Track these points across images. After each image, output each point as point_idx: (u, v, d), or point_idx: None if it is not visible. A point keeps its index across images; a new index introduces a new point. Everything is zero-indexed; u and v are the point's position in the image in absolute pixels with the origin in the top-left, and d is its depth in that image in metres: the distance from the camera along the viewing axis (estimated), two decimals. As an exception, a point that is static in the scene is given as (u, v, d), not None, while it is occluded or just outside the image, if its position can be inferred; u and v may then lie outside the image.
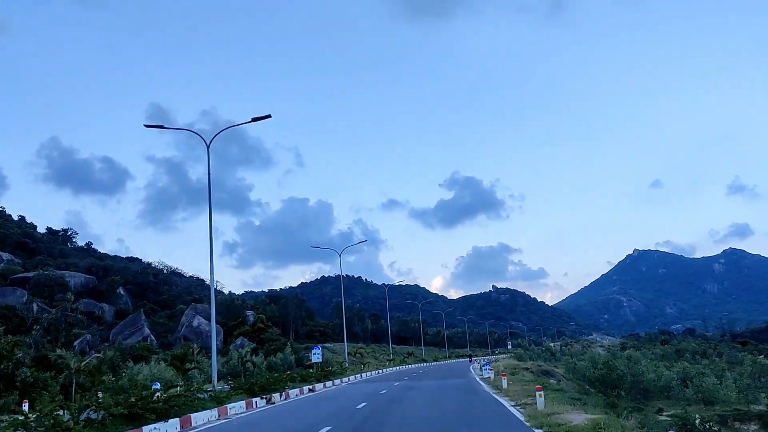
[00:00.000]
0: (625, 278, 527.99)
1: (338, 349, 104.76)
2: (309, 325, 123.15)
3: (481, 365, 37.60)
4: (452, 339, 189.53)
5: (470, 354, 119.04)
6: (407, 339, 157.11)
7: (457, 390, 27.16)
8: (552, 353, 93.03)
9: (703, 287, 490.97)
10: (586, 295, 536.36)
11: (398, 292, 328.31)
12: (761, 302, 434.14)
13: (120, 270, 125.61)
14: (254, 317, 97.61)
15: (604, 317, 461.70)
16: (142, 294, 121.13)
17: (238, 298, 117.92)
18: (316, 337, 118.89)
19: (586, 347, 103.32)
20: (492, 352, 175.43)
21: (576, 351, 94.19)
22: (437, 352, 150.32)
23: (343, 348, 70.55)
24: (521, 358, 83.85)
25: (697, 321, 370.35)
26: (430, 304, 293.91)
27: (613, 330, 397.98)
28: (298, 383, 33.13)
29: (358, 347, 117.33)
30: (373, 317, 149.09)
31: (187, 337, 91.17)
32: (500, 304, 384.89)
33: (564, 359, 75.89)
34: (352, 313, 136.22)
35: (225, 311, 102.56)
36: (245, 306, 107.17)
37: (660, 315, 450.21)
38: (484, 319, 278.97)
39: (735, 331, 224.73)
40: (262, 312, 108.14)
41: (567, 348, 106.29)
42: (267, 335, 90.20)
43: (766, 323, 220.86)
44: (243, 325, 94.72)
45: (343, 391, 30.54)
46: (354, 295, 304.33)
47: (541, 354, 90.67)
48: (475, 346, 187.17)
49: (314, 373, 38.97)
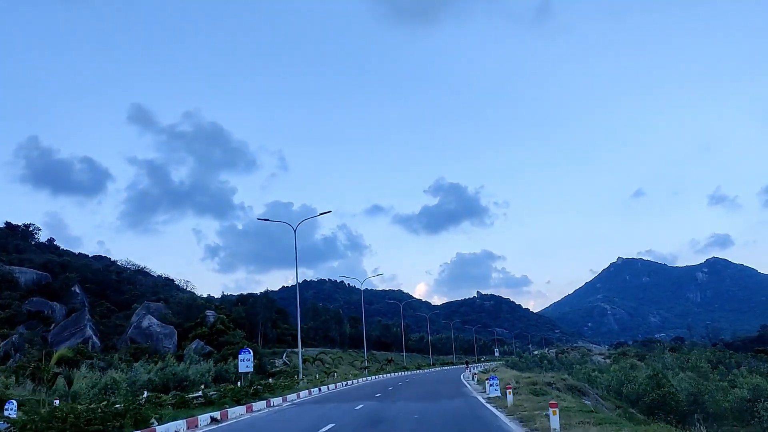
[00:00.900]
0: (609, 286, 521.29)
1: (308, 356, 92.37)
2: (281, 328, 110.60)
3: (487, 379, 25.87)
4: (436, 345, 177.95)
5: (467, 361, 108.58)
6: (389, 345, 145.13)
7: (457, 423, 15.55)
8: (548, 361, 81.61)
9: (686, 296, 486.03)
10: (569, 302, 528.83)
11: (381, 297, 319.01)
12: (744, 311, 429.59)
13: (79, 267, 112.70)
14: (215, 318, 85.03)
15: (587, 325, 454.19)
16: (102, 293, 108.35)
17: (201, 299, 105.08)
18: (288, 341, 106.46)
19: (584, 356, 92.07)
20: (478, 359, 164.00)
21: (573, 360, 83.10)
22: (420, 359, 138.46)
23: (307, 353, 58.27)
24: (518, 367, 72.47)
25: (680, 330, 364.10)
26: (414, 310, 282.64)
27: (597, 338, 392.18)
28: (200, 409, 20.82)
29: (333, 353, 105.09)
30: (353, 320, 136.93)
31: (135, 339, 78.45)
32: (485, 310, 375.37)
33: (575, 370, 64.53)
34: (328, 316, 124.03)
35: (185, 311, 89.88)
36: (207, 306, 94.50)
37: (643, 324, 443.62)
38: (468, 325, 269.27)
39: (723, 340, 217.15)
40: (226, 313, 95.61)
41: (564, 356, 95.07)
42: (227, 338, 77.68)
43: (758, 332, 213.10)
44: (201, 326, 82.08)
45: (264, 425, 18.45)
46: (336, 299, 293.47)
47: (537, 362, 79.20)
48: (460, 352, 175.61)
49: (239, 390, 26.59)
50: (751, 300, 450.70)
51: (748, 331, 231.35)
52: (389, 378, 58.81)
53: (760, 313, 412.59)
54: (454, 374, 58.24)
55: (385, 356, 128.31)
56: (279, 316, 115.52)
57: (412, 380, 48.88)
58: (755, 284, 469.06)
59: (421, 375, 61.19)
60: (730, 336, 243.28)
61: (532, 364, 78.17)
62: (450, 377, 50.24)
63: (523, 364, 75.76)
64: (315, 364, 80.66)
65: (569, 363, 75.15)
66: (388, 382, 47.92)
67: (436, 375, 62.25)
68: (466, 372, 61.05)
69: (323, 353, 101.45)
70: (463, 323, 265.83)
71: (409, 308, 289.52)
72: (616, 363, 74.01)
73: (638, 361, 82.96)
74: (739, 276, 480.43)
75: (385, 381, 50.00)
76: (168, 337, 79.89)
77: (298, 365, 55.22)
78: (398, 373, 72.19)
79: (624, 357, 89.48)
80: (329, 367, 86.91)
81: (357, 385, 43.79)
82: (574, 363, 75.93)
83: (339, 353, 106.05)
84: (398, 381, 47.80)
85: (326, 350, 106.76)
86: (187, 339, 79.91)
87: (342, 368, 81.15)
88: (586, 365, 73.45)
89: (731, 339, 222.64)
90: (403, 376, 63.54)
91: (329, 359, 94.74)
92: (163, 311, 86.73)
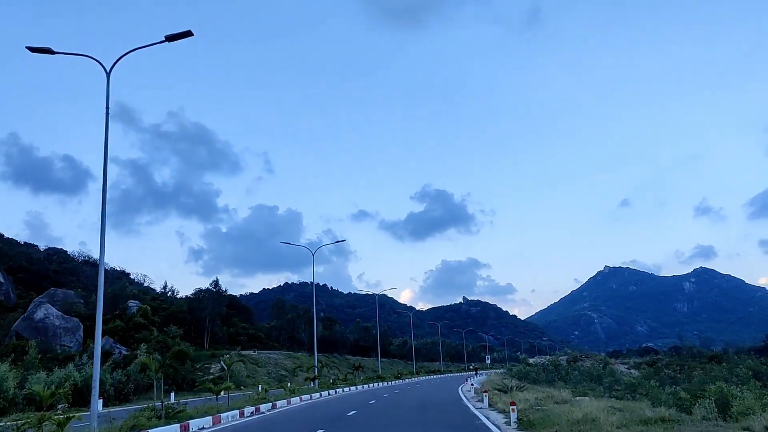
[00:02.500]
0: (596, 294, 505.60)
1: (263, 359, 72.21)
2: (236, 327, 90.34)
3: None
4: (421, 350, 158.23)
5: (476, 368, 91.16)
6: (368, 349, 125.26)
7: None
8: (564, 372, 62.29)
9: (673, 306, 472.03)
10: (555, 310, 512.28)
11: (365, 302, 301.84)
12: (731, 322, 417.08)
13: (14, 256, 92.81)
14: (138, 308, 64.81)
15: (574, 333, 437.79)
16: (38, 284, 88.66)
17: (135, 288, 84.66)
18: (242, 341, 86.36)
19: (606, 365, 72.73)
20: (468, 367, 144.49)
21: (595, 370, 64.01)
22: (402, 365, 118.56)
23: (260, 357, 38.70)
24: (530, 378, 53.20)
25: (668, 339, 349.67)
26: (398, 315, 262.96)
27: (585, 346, 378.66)
28: None
29: (296, 357, 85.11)
30: (326, 321, 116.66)
31: (21, 334, 57.92)
32: (471, 316, 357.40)
33: (608, 381, 45.39)
34: (295, 314, 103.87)
35: (107, 302, 69.54)
36: (134, 296, 74.19)
37: (631, 332, 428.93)
38: (454, 332, 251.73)
39: (712, 350, 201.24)
40: (164, 305, 75.47)
41: (578, 364, 75.76)
42: (143, 335, 57.54)
43: (764, 342, 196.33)
44: (117, 319, 61.84)
45: None
46: (318, 303, 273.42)
47: (553, 372, 59.71)
48: (447, 359, 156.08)
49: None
50: (738, 311, 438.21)
51: (737, 342, 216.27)
52: (345, 396, 39.06)
53: (748, 324, 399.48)
54: (448, 390, 38.71)
55: (361, 362, 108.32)
56: (234, 313, 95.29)
57: (379, 402, 29.11)
58: (743, 295, 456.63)
59: (398, 391, 41.53)
60: (721, 346, 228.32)
61: (552, 375, 58.70)
62: (443, 399, 30.61)
63: (539, 376, 56.40)
64: (266, 370, 60.50)
65: (596, 375, 56.05)
66: (331, 406, 28.07)
67: (421, 390, 42.68)
68: (465, 385, 41.47)
69: (289, 357, 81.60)
70: (450, 329, 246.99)
71: (393, 313, 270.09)
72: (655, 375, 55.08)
73: (677, 374, 64.64)
74: (727, 286, 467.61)
75: (328, 404, 30.13)
76: (70, 332, 59.54)
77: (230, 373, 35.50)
78: (368, 385, 52.44)
79: (652, 367, 70.44)
80: (285, 376, 67.00)
81: (261, 418, 23.90)
82: (602, 376, 56.85)
83: (302, 357, 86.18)
84: (353, 405, 27.93)
85: (290, 354, 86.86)
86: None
87: (298, 379, 61.38)
88: (608, 377, 54.63)
89: (722, 349, 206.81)
90: (372, 391, 43.76)
91: (290, 364, 74.78)
92: (73, 300, 66.30)
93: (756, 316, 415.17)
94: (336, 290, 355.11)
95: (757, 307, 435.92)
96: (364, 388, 47.78)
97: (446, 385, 48.93)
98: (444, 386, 46.30)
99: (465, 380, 55.36)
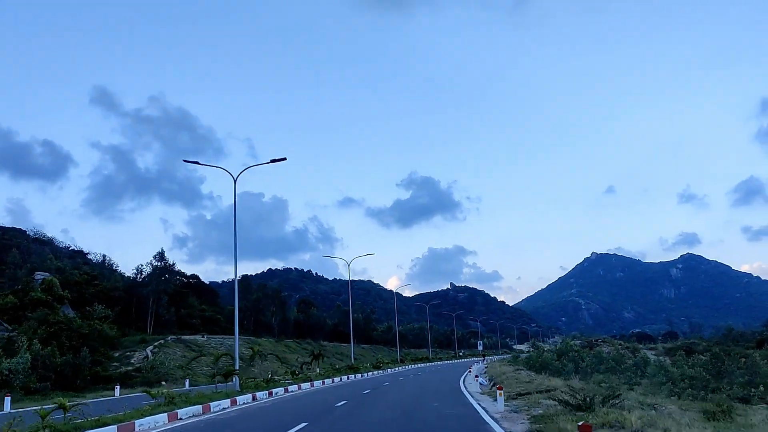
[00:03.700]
0: (582, 281, 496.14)
1: (211, 346, 57.73)
2: (189, 309, 75.54)
3: None
4: (407, 336, 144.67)
5: (484, 354, 78.89)
6: (349, 335, 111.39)
7: None
8: (579, 359, 48.44)
9: (660, 292, 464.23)
10: (542, 297, 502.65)
11: (351, 288, 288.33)
12: (718, 308, 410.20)
13: None
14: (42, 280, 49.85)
15: (561, 320, 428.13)
16: None
17: (51, 257, 69.38)
18: (194, 325, 71.70)
19: (636, 351, 58.98)
20: (456, 354, 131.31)
21: (616, 356, 50.52)
22: (387, 352, 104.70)
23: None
24: (543, 367, 39.37)
25: (656, 325, 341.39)
26: (384, 301, 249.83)
27: (573, 332, 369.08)
28: None
29: (257, 343, 70.65)
30: (302, 305, 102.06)
31: None
32: (458, 302, 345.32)
33: (658, 374, 31.59)
34: (262, 294, 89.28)
35: (10, 274, 54.64)
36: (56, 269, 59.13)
37: (618, 319, 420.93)
38: (441, 318, 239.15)
39: (701, 336, 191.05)
40: (88, 276, 60.49)
41: (598, 350, 61.89)
42: (39, 314, 42.61)
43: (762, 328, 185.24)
44: (12, 295, 46.87)
45: None
46: (302, 289, 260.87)
47: (574, 361, 45.75)
48: (435, 345, 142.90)
49: None
50: (725, 297, 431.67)
51: (723, 328, 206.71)
52: (249, 412, 24.76)
53: (735, 310, 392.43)
54: (448, 392, 24.44)
55: (339, 349, 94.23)
56: (191, 294, 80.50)
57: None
58: (729, 281, 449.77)
59: (367, 393, 26.99)
60: (710, 332, 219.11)
61: (569, 365, 44.68)
62: (425, 411, 16.36)
63: (559, 366, 42.49)
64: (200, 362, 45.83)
65: (631, 365, 42.49)
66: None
67: (405, 387, 28.55)
68: (467, 375, 27.36)
69: (248, 343, 67.03)
70: (436, 316, 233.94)
71: (379, 299, 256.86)
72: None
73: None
74: (714, 273, 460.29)
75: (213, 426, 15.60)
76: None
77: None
78: (330, 381, 38.14)
79: (688, 355, 56.76)
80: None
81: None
82: (638, 365, 43.26)
83: (269, 343, 71.88)
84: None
85: (252, 339, 72.35)
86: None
87: (255, 370, 47.08)
88: (652, 366, 41.23)
89: (709, 335, 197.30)
90: (320, 397, 29.46)
91: (246, 352, 60.26)
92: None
93: (743, 302, 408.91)
94: (321, 276, 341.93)
95: (744, 293, 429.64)
96: (317, 386, 33.61)
97: (441, 380, 34.90)
98: (439, 382, 32.21)
99: (469, 370, 41.25)
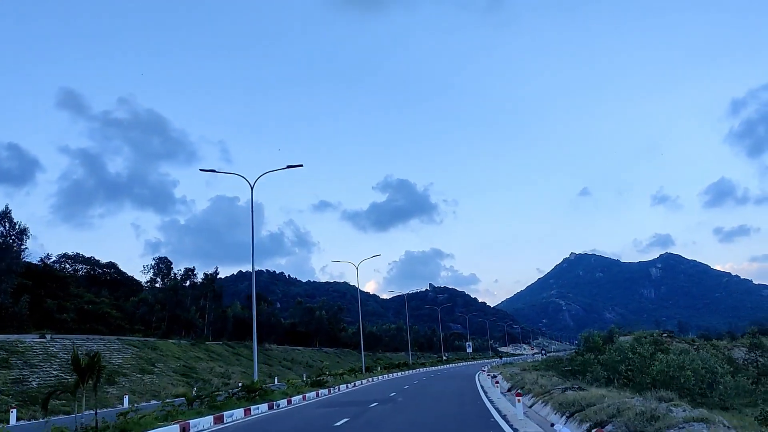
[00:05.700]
0: (562, 282, 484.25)
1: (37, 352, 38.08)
2: (71, 300, 55.90)
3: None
4: (382, 338, 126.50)
5: (500, 355, 60.55)
6: (309, 336, 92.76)
7: None
8: (603, 365, 30.91)
9: (640, 292, 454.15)
10: (522, 298, 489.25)
11: (325, 291, 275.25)
12: (698, 308, 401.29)
13: None
14: None
15: (542, 321, 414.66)
16: None
17: None
18: (63, 321, 52.17)
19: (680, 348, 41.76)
20: (439, 359, 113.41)
21: (685, 359, 33.38)
22: (357, 357, 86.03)
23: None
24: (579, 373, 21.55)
25: (639, 326, 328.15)
26: (361, 304, 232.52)
27: (554, 333, 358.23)
28: None
29: (156, 346, 51.57)
30: (248, 300, 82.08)
31: None
32: (438, 304, 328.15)
33: None
34: (198, 292, 70.02)
35: None
36: None
37: (599, 320, 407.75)
38: (420, 319, 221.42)
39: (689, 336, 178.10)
40: None
41: (628, 350, 44.39)
42: None
43: (753, 329, 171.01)
44: None
45: None
46: (274, 292, 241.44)
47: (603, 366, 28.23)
48: (415, 348, 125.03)
49: None
50: (705, 296, 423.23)
51: (709, 328, 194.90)
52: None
53: (715, 309, 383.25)
54: None
55: (291, 354, 75.36)
56: (70, 281, 60.99)
57: None
58: (709, 280, 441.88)
59: None
60: (696, 332, 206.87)
61: (598, 372, 27.27)
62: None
63: (590, 371, 25.04)
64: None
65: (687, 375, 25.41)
66: None
67: None
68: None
69: (131, 347, 48.12)
70: (416, 317, 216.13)
71: (354, 301, 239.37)
72: None
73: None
74: (693, 272, 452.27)
75: None
76: None
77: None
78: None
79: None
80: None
81: None
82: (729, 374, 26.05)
83: (178, 349, 52.88)
84: None
85: (148, 342, 53.32)
86: None
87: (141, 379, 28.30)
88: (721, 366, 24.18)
89: (697, 335, 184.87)
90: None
91: (119, 360, 41.46)
92: None
93: (723, 302, 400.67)
94: (294, 278, 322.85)
95: (724, 292, 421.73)
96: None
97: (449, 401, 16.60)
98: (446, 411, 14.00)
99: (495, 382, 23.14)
